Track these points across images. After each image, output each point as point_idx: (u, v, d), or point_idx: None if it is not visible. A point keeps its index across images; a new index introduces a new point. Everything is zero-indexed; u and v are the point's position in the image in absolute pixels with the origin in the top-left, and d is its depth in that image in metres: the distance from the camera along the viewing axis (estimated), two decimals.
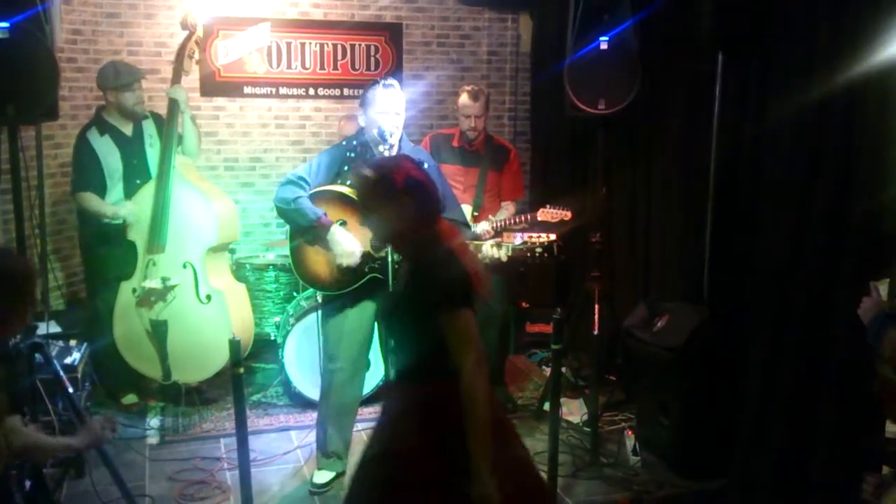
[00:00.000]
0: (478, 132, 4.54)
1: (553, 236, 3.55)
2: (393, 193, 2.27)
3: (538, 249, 3.40)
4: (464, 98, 4.53)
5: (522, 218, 4.37)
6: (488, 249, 3.43)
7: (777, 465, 3.32)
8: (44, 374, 3.21)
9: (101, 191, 4.38)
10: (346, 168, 3.54)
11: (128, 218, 4.30)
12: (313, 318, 4.35)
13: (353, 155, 3.55)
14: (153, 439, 4.18)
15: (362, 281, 3.48)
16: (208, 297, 4.29)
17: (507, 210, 4.62)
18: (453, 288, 2.24)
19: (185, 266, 4.28)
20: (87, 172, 4.39)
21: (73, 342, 3.99)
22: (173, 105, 4.35)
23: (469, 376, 2.20)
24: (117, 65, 4.48)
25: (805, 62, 3.36)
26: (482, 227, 4.36)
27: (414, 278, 2.34)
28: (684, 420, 3.80)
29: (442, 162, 4.30)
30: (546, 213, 4.25)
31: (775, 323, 3.42)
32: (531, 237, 3.56)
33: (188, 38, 4.37)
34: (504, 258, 3.44)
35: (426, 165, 3.59)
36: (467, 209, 4.42)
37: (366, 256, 3.46)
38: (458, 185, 4.45)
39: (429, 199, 2.33)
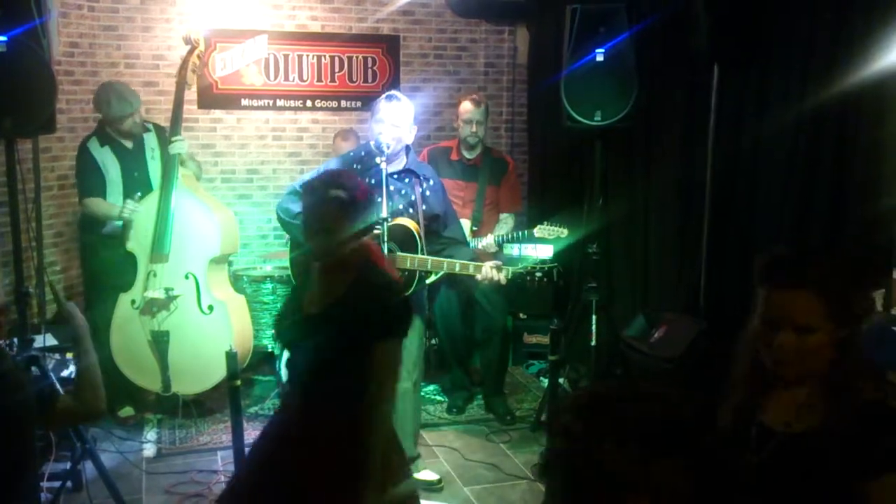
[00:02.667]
0: (479, 139, 4.57)
1: (551, 252, 3.59)
2: (359, 210, 2.26)
3: (538, 274, 3.40)
4: (466, 104, 4.58)
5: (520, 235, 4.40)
6: (488, 272, 3.39)
7: None
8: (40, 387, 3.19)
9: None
10: None
11: (133, 214, 4.24)
12: None
13: (358, 167, 3.56)
14: (150, 452, 4.16)
15: None
16: (210, 308, 4.28)
17: (506, 223, 4.62)
18: (392, 317, 2.21)
19: (187, 277, 4.27)
20: (89, 181, 4.38)
21: (69, 355, 3.97)
22: (174, 159, 4.27)
23: (381, 410, 2.18)
24: (111, 93, 4.33)
25: (801, 74, 3.38)
26: (485, 242, 4.37)
27: (347, 300, 2.24)
28: None
29: (441, 177, 4.30)
30: (543, 231, 4.27)
31: None
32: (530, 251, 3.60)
33: (190, 53, 4.38)
34: (503, 281, 3.43)
35: (432, 182, 3.62)
36: (466, 224, 4.42)
37: None
38: (457, 199, 4.45)
39: (371, 212, 2.36)
